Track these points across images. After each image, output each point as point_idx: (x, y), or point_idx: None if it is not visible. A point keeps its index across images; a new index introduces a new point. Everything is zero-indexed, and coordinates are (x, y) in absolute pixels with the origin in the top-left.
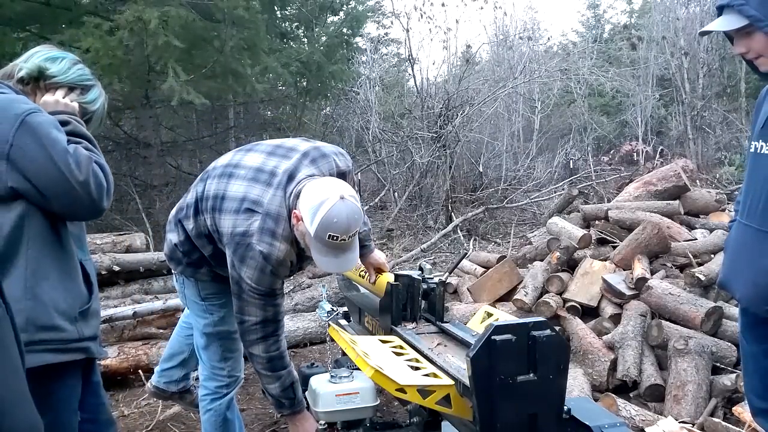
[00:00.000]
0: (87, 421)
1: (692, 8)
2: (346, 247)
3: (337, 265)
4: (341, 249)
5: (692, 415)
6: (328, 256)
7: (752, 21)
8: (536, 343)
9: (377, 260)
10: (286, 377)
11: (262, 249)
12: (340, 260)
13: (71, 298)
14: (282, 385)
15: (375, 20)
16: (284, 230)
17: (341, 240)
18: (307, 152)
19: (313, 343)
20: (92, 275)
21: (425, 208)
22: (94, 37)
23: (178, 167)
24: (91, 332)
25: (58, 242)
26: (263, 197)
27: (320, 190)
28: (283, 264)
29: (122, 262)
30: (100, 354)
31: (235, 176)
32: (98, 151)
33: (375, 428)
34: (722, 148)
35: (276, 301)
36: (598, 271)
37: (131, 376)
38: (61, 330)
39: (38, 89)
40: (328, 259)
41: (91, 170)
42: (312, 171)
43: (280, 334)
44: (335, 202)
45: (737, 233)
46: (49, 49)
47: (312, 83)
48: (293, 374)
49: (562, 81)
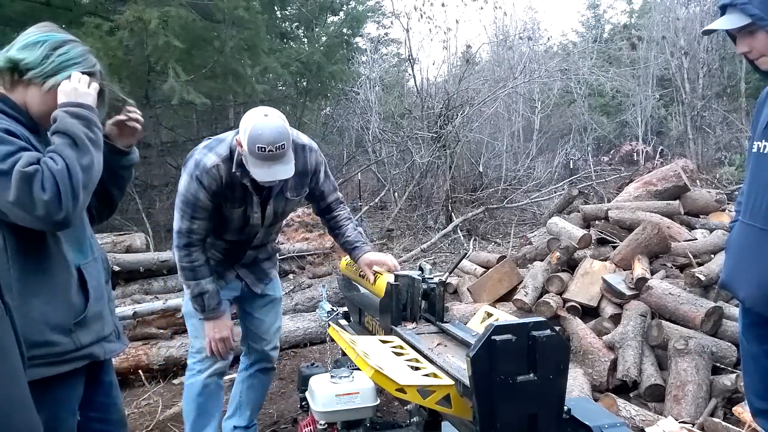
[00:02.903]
0: (97, 421)
1: (692, 8)
2: (276, 158)
3: (270, 175)
4: (272, 159)
5: (692, 415)
6: (262, 168)
7: (755, 20)
8: (536, 343)
9: (371, 260)
10: (194, 287)
11: (196, 157)
12: (272, 170)
13: (63, 311)
14: (191, 293)
15: (375, 20)
16: (222, 149)
17: (269, 151)
18: None
19: (313, 343)
20: (94, 279)
21: (425, 208)
22: (94, 37)
23: (178, 167)
24: (92, 338)
25: (44, 255)
26: (221, 136)
27: (250, 114)
28: (209, 174)
29: (122, 262)
30: (108, 353)
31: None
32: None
33: (375, 428)
34: (722, 148)
35: (194, 218)
36: (598, 271)
37: (131, 376)
38: (55, 344)
39: (21, 84)
40: (263, 171)
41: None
42: None
43: (192, 251)
44: (260, 118)
45: (739, 233)
46: (38, 30)
47: (312, 83)
48: (203, 287)
49: (562, 81)
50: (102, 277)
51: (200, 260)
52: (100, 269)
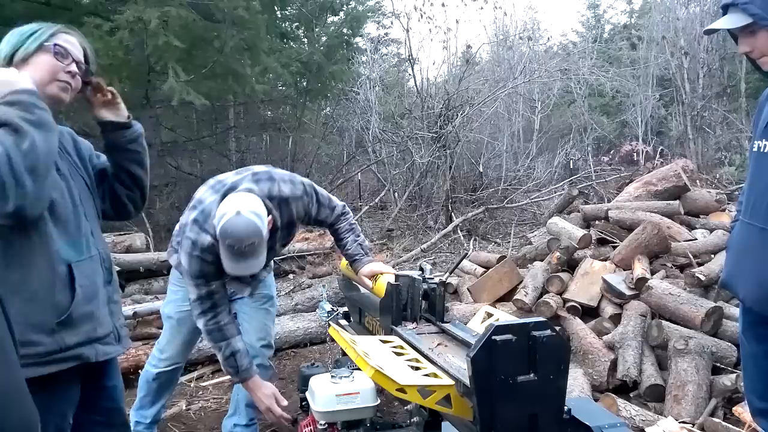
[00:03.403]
0: (100, 424)
1: (692, 8)
2: (246, 254)
3: (240, 269)
4: (241, 256)
5: (692, 415)
6: (231, 261)
7: (756, 19)
8: (536, 343)
9: (371, 271)
10: (225, 348)
11: (190, 236)
12: (240, 265)
13: (45, 310)
14: (223, 355)
15: (375, 20)
16: (210, 227)
17: (238, 248)
18: (257, 173)
19: (313, 343)
20: (85, 278)
21: (425, 208)
22: (94, 37)
23: (178, 167)
24: (80, 339)
25: (27, 251)
26: (206, 199)
27: (227, 203)
28: (208, 251)
29: (122, 262)
30: (102, 356)
31: (206, 185)
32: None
33: (375, 428)
34: (722, 148)
35: (209, 283)
36: (598, 271)
37: (131, 376)
38: (36, 344)
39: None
40: (232, 264)
41: None
42: (251, 186)
43: (218, 312)
44: (231, 216)
45: (740, 233)
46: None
47: (312, 83)
48: (233, 345)
49: (562, 81)
50: (98, 276)
51: (226, 319)
52: (96, 268)
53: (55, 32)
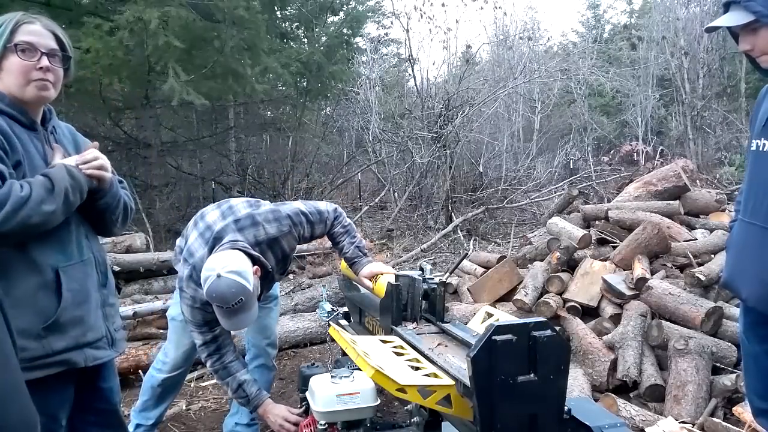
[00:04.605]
0: (95, 425)
1: (692, 8)
2: (237, 311)
3: (233, 325)
4: (233, 313)
5: (692, 415)
6: (224, 319)
7: (758, 17)
8: (537, 343)
9: (371, 272)
10: (231, 382)
11: (188, 292)
12: (232, 321)
13: (30, 315)
14: (231, 389)
15: (375, 20)
16: None
17: (226, 308)
18: (239, 219)
19: (313, 343)
20: (74, 282)
21: (425, 208)
22: (94, 37)
23: (179, 167)
24: (68, 343)
25: (7, 257)
26: (197, 252)
27: (209, 265)
28: (208, 304)
29: (122, 262)
30: (92, 361)
31: (197, 228)
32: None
33: (375, 428)
34: (722, 148)
35: (212, 329)
36: (598, 272)
37: (131, 376)
38: (22, 350)
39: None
40: (225, 321)
41: None
42: (236, 237)
43: (223, 353)
44: (213, 279)
45: (740, 232)
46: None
47: (312, 83)
48: (238, 378)
49: (562, 81)
50: (89, 280)
51: (230, 357)
52: (88, 272)
53: (16, 27)
